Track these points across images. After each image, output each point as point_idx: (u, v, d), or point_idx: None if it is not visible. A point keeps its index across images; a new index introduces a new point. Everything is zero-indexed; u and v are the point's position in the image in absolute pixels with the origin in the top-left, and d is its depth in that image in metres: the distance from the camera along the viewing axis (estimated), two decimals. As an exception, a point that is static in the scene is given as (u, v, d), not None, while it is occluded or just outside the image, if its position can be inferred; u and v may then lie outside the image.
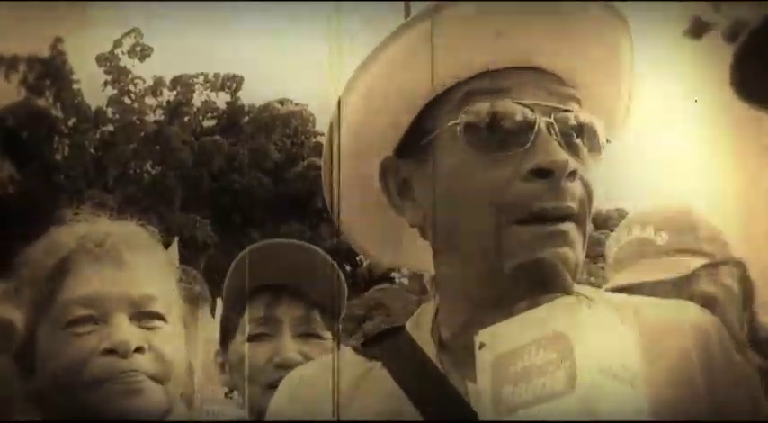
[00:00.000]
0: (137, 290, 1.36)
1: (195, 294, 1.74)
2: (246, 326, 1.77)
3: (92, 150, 36.58)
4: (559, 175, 0.95)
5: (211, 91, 40.61)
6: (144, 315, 1.36)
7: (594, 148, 1.02)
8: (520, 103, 0.99)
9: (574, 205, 0.96)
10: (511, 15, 1.01)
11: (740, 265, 1.94)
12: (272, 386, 1.75)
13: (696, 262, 1.87)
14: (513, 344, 0.78)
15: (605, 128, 1.04)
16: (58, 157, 34.59)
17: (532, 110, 0.98)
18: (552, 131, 0.97)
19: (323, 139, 1.12)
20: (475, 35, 1.01)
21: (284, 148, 38.89)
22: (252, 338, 1.75)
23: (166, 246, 1.49)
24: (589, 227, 1.00)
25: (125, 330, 1.32)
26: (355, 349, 1.12)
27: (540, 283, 0.85)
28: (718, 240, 1.96)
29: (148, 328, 1.35)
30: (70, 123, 35.93)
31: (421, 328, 1.09)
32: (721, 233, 1.98)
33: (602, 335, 0.77)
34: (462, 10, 1.01)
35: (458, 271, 1.02)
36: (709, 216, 2.02)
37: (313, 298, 1.77)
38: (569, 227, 0.96)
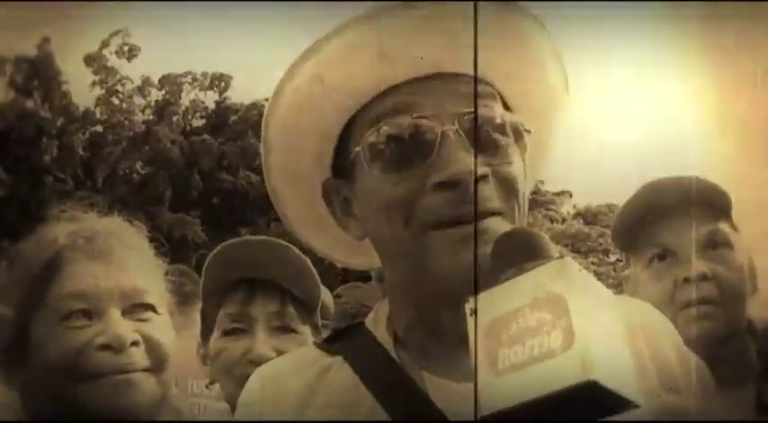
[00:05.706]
0: (128, 283, 1.40)
1: (183, 290, 1.78)
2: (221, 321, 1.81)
3: (80, 151, 36.35)
4: (466, 184, 0.95)
5: (200, 90, 40.46)
6: (137, 307, 1.40)
7: (517, 137, 1.02)
8: (420, 117, 0.99)
9: (491, 205, 0.97)
10: (396, 32, 1.00)
11: None
12: (245, 380, 1.80)
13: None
14: (507, 308, 0.78)
15: (537, 116, 1.06)
16: (47, 158, 34.36)
17: (432, 121, 0.98)
18: (459, 137, 0.98)
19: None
20: (366, 56, 1.01)
21: (273, 147, 38.57)
22: (227, 334, 1.80)
23: (151, 241, 1.54)
24: (521, 212, 1.01)
25: (120, 325, 1.36)
26: (317, 345, 1.17)
27: (526, 251, 0.85)
28: None
29: (141, 320, 1.39)
30: (58, 124, 35.68)
31: (378, 324, 1.14)
32: None
33: (595, 295, 0.78)
34: (345, 36, 1.02)
35: (396, 276, 1.09)
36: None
37: (287, 293, 1.81)
38: (489, 223, 0.96)
